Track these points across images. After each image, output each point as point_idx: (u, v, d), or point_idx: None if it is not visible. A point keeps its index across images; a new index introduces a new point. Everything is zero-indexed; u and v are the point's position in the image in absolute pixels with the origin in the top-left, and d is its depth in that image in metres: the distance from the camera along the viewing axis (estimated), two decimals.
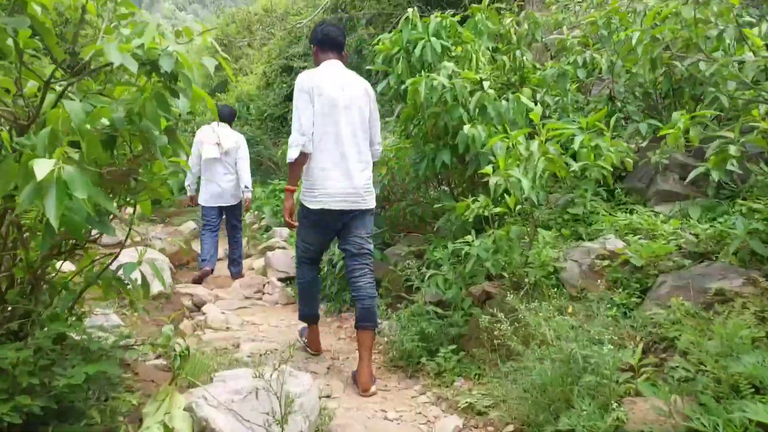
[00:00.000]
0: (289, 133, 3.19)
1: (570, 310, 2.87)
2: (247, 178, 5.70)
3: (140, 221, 11.48)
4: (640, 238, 3.22)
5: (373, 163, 3.37)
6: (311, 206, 3.10)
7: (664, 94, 4.36)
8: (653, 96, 4.41)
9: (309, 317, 3.51)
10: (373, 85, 3.53)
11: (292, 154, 3.03)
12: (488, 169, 3.04)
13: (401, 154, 4.34)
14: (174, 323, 4.11)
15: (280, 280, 5.48)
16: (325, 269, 4.58)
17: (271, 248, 6.57)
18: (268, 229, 7.50)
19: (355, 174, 3.13)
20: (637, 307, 2.80)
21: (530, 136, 3.10)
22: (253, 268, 6.34)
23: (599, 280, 3.06)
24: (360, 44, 9.18)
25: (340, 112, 3.10)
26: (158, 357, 3.05)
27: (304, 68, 13.06)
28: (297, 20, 13.19)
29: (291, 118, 3.27)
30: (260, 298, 5.26)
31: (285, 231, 7.25)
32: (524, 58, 4.39)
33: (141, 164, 1.87)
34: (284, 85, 12.74)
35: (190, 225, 8.13)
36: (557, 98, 4.36)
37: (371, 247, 3.31)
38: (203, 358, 3.10)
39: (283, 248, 6.63)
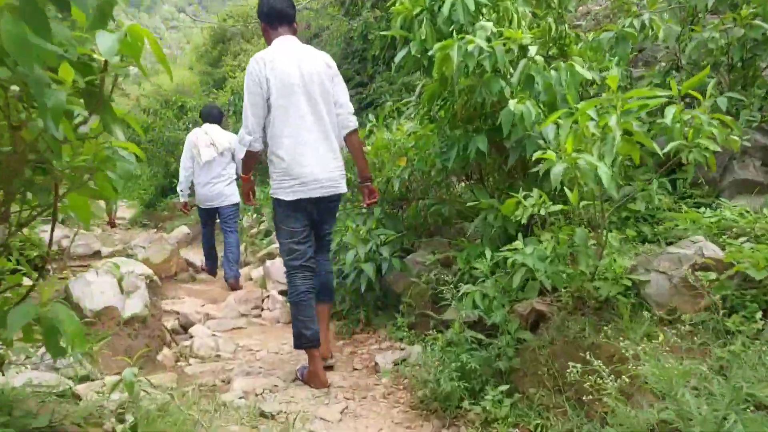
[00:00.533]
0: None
1: (661, 338, 2.13)
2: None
3: (132, 226, 10.80)
4: (743, 241, 2.47)
5: (351, 133, 3.12)
6: (287, 198, 2.94)
7: (732, 66, 3.62)
8: (724, 66, 3.66)
9: (307, 340, 2.97)
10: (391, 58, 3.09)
11: (240, 154, 3.12)
12: (549, 154, 2.28)
13: (423, 142, 3.58)
14: (151, 353, 3.40)
15: (281, 293, 4.75)
16: (336, 282, 3.85)
17: (271, 255, 5.84)
18: (268, 233, 6.76)
19: (327, 158, 2.98)
20: (759, 335, 2.06)
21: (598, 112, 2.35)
22: (251, 279, 5.60)
23: (699, 299, 2.32)
24: (365, 29, 8.43)
25: (300, 93, 2.91)
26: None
27: None
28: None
29: None
30: (259, 315, 4.52)
31: None
32: (565, 25, 3.63)
33: (24, 141, 1.12)
34: None
35: (183, 230, 7.40)
36: (603, 72, 3.60)
37: (332, 236, 3.36)
38: (180, 408, 2.35)
39: None
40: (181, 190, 5.57)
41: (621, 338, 2.16)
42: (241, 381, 2.98)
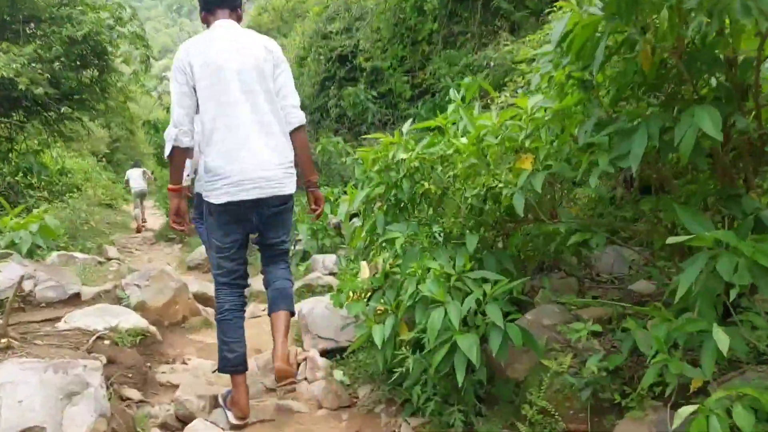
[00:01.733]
0: (329, 126, 2.83)
1: None
2: None
3: (157, 239, 9.64)
4: None
5: (295, 130, 2.69)
6: (215, 201, 2.54)
7: None
8: None
9: (231, 364, 2.68)
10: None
11: (166, 151, 2.52)
12: None
13: (564, 126, 2.05)
14: None
15: (324, 353, 3.31)
16: (414, 359, 2.37)
17: (310, 288, 4.41)
18: (305, 257, 5.34)
19: (264, 152, 2.54)
20: None
21: None
22: None
23: None
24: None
25: (231, 80, 2.51)
26: None
27: (342, 47, 11.03)
28: None
29: (331, 105, 4.05)
30: (293, 389, 3.07)
31: (331, 260, 5.07)
32: None
33: None
34: (321, 66, 10.63)
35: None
36: None
37: (288, 244, 2.88)
38: None
39: (328, 289, 4.45)
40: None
41: None
42: None
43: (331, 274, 4.98)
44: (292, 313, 2.74)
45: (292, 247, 5.49)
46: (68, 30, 8.71)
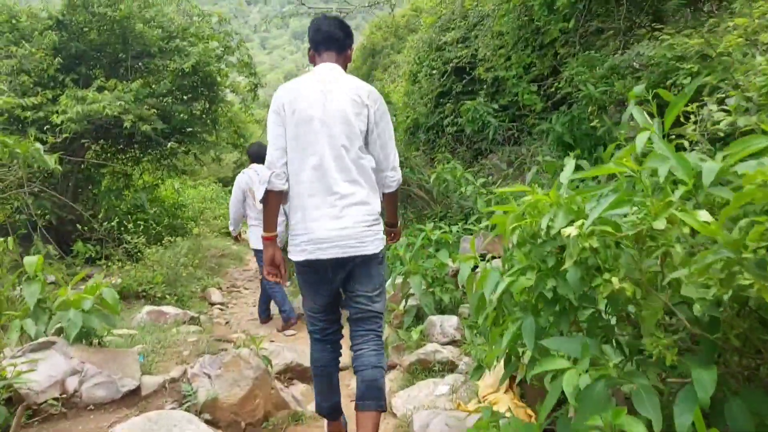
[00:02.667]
0: (445, 145, 3.31)
1: None
2: None
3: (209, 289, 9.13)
4: None
5: (390, 196, 2.62)
6: (295, 258, 2.46)
7: None
8: None
9: (325, 411, 2.68)
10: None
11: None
12: None
13: None
14: None
15: None
16: None
17: (424, 366, 3.40)
18: (419, 315, 4.35)
19: (346, 210, 2.39)
20: None
21: None
22: (394, 415, 3.19)
23: None
24: None
25: (318, 130, 2.38)
26: None
27: (458, 58, 10.04)
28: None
29: (447, 123, 3.18)
30: None
31: (452, 323, 4.03)
32: None
33: None
34: (435, 81, 9.68)
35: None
36: None
37: (380, 306, 2.57)
38: None
39: (448, 367, 3.41)
40: (232, 227, 5.77)
41: None
42: None
43: (452, 342, 3.94)
44: (384, 409, 2.52)
45: (403, 303, 4.52)
46: (176, 62, 8.46)
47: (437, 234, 4.75)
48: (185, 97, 9.69)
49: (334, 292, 2.55)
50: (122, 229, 6.20)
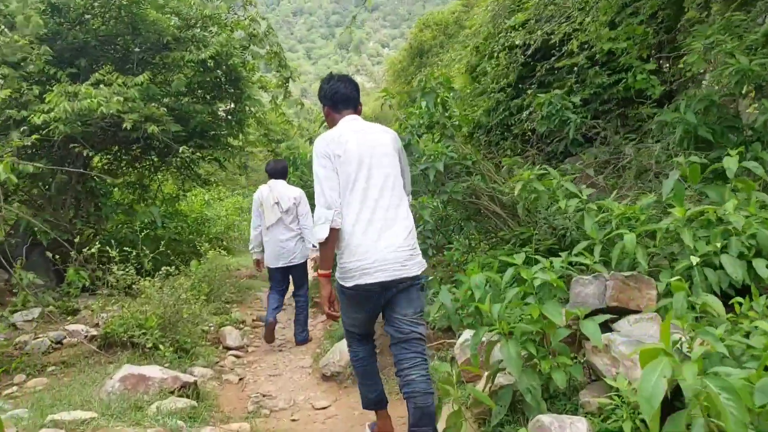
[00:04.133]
0: (512, 147, 3.48)
1: None
2: (310, 235, 5.36)
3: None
4: None
5: None
6: (345, 284, 2.72)
7: None
8: None
9: (374, 401, 3.04)
10: None
11: (322, 233, 2.65)
12: None
13: None
14: None
15: None
16: None
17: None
18: (516, 408, 2.76)
19: (390, 237, 2.68)
20: None
21: None
22: None
23: None
24: None
25: (366, 171, 2.72)
26: None
27: (529, 42, 8.44)
28: None
29: (515, 120, 3.47)
30: None
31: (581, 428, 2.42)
32: None
33: None
34: (500, 72, 8.12)
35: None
36: None
37: (423, 329, 2.82)
38: None
39: None
40: (252, 249, 5.71)
41: None
42: None
43: None
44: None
45: (487, 384, 2.95)
46: (192, 54, 7.14)
47: (537, 274, 3.17)
48: (207, 96, 8.40)
49: (378, 310, 2.80)
50: (129, 251, 4.87)
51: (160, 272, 4.92)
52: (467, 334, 3.46)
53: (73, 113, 5.79)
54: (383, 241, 2.64)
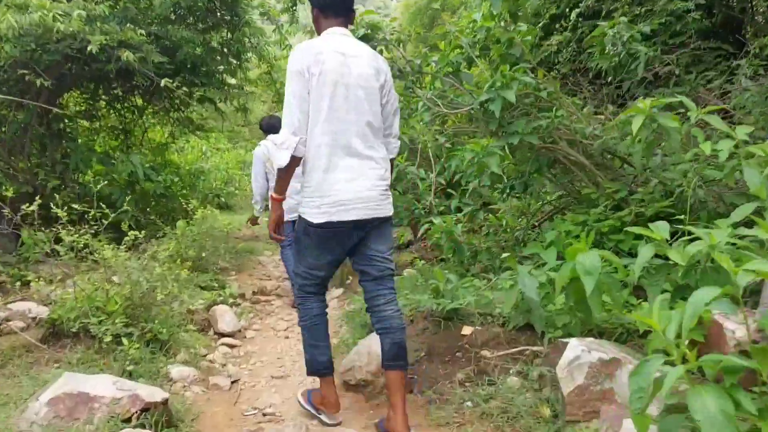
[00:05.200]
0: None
1: None
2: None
3: None
4: None
5: (391, 160, 2.72)
6: (314, 220, 2.49)
7: None
8: None
9: (324, 365, 2.77)
10: None
11: (282, 159, 2.45)
12: None
13: None
14: None
15: None
16: None
17: None
18: None
19: (368, 173, 2.51)
20: None
21: None
22: None
23: None
24: None
25: (343, 94, 2.45)
26: None
27: None
28: None
29: (564, 58, 3.05)
30: None
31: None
32: None
33: None
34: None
35: None
36: None
37: (393, 265, 2.74)
38: None
39: None
40: (256, 202, 5.20)
41: None
42: None
43: None
44: (407, 366, 2.62)
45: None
46: None
47: (685, 250, 1.95)
48: (200, 24, 7.05)
49: (347, 251, 2.63)
50: (90, 209, 3.67)
51: (128, 237, 3.70)
52: (576, 347, 2.25)
53: (22, 30, 4.51)
54: (360, 177, 2.48)
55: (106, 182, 6.14)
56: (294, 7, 6.77)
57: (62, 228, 3.52)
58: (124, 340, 3.25)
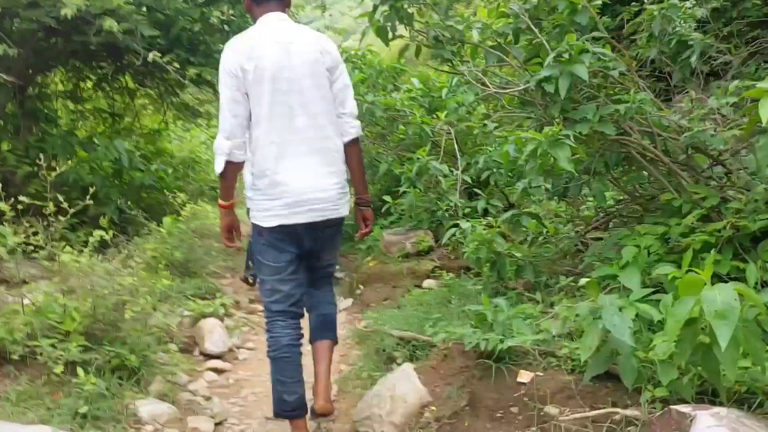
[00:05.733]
0: None
1: None
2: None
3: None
4: None
5: (351, 142, 2.45)
6: (265, 224, 2.34)
7: None
8: None
9: (289, 408, 2.36)
10: None
11: (217, 166, 2.30)
12: None
13: None
14: None
15: None
16: None
17: None
18: None
19: (321, 172, 2.35)
20: None
21: None
22: None
23: None
24: None
25: (286, 88, 2.27)
26: None
27: None
28: None
29: None
30: None
31: None
32: None
33: None
34: None
35: None
36: None
37: (335, 269, 2.80)
38: None
39: None
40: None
41: None
42: None
43: None
44: (336, 342, 2.62)
45: None
46: None
47: None
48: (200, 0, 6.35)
49: (301, 252, 2.44)
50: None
51: (93, 239, 2.99)
52: (710, 422, 1.55)
53: None
54: (313, 176, 2.32)
55: (87, 171, 5.49)
56: None
57: (8, 225, 2.83)
58: (80, 371, 2.55)
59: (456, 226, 4.39)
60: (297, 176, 2.29)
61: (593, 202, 3.68)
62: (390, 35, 2.85)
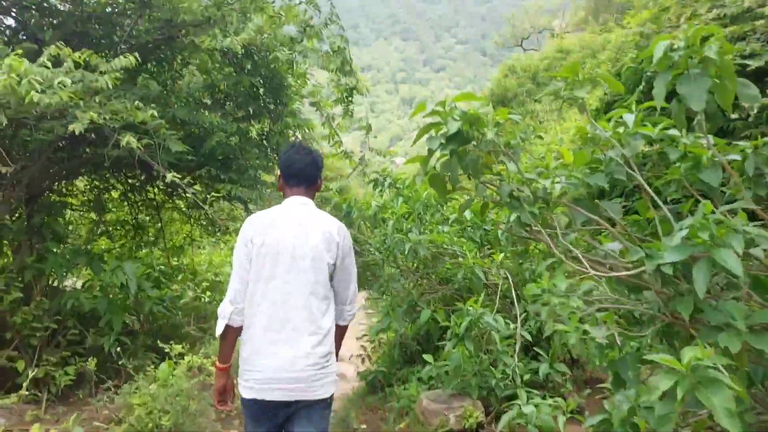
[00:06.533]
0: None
1: None
2: None
3: None
4: None
5: (341, 328, 2.58)
6: (243, 394, 2.37)
7: None
8: None
9: None
10: None
11: (218, 328, 2.37)
12: None
13: None
14: None
15: None
16: None
17: None
18: None
19: (299, 352, 2.32)
20: None
21: None
22: None
23: None
24: None
25: (285, 266, 2.36)
26: None
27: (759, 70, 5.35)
28: None
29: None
30: None
31: None
32: None
33: None
34: None
35: None
36: None
37: None
38: None
39: None
40: None
41: None
42: None
43: None
44: None
45: None
46: (215, 40, 4.70)
47: None
48: (238, 111, 5.96)
49: (277, 427, 2.40)
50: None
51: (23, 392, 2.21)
52: None
53: None
54: (292, 354, 2.29)
55: (91, 295, 4.87)
56: (350, 98, 5.63)
57: None
58: None
59: (513, 400, 3.54)
60: (275, 352, 2.29)
61: None
62: (449, 187, 2.15)
